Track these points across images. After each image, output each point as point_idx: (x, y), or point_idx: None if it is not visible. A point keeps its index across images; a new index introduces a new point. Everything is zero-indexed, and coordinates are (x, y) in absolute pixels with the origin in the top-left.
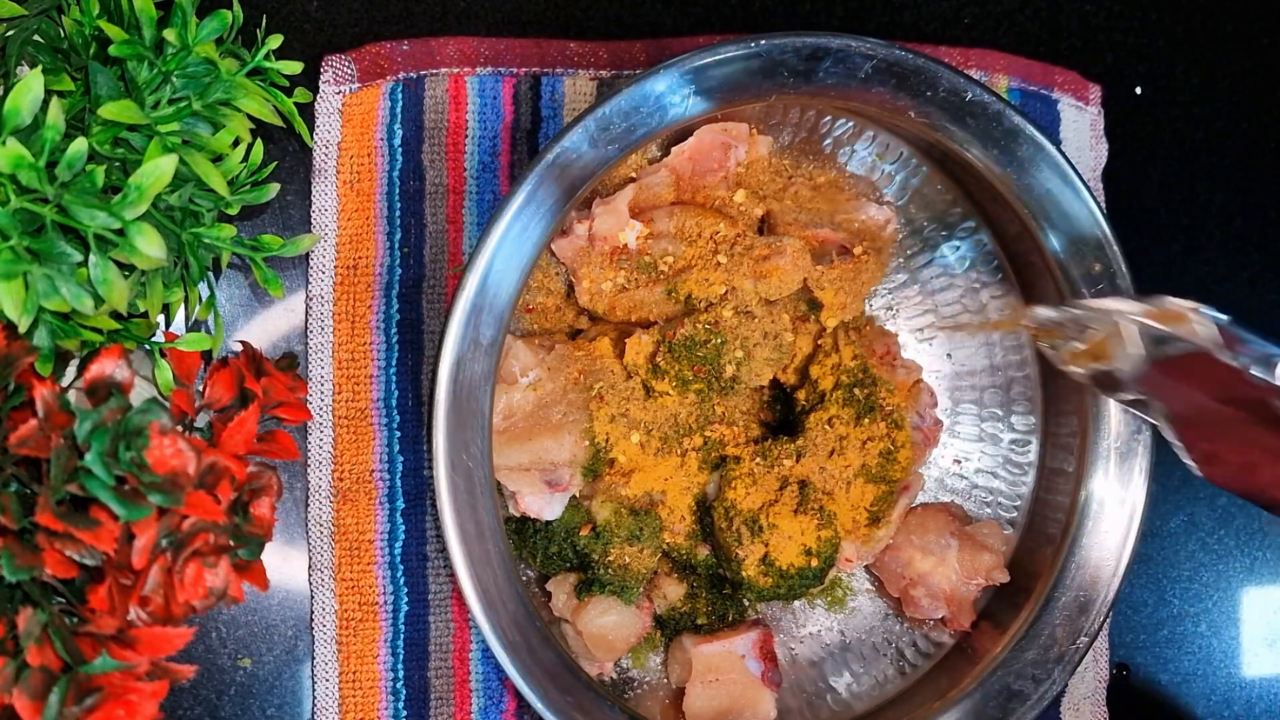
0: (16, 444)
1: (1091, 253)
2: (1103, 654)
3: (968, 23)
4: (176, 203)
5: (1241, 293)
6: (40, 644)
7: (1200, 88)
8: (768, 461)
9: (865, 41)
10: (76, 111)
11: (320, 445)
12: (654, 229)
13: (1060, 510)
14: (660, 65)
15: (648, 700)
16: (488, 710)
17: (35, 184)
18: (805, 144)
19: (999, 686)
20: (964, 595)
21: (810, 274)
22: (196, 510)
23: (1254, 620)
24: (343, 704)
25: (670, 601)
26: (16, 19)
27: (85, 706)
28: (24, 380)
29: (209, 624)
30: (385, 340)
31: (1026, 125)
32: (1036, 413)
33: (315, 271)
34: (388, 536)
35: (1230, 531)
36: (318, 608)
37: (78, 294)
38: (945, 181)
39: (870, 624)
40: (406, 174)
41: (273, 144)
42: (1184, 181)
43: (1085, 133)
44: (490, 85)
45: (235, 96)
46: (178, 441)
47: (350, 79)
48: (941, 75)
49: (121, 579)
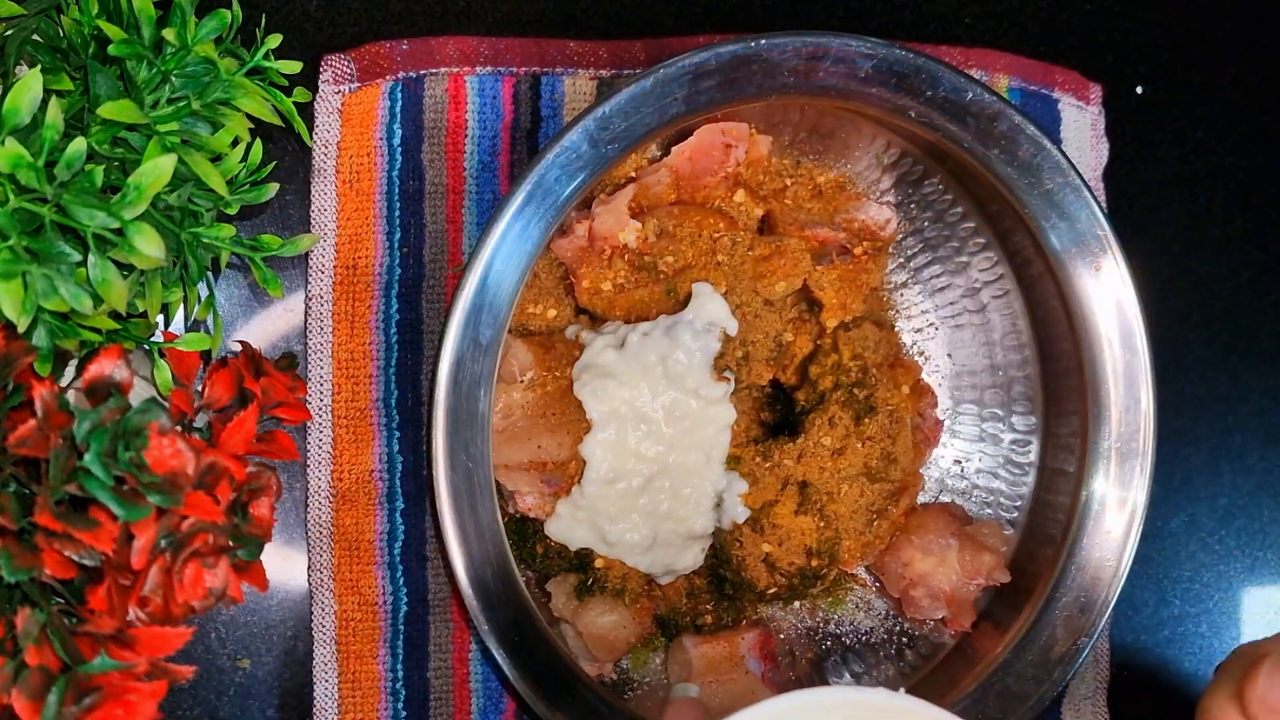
0: (15, 444)
1: (1092, 253)
2: (1103, 654)
3: (968, 23)
4: (175, 202)
5: (1241, 293)
6: (39, 644)
7: (1200, 88)
8: (768, 462)
9: (865, 41)
10: (75, 111)
11: (320, 445)
12: (654, 229)
13: (1061, 510)
14: (660, 65)
15: (648, 700)
16: (487, 710)
17: (34, 184)
18: (805, 144)
19: (999, 687)
20: (964, 595)
21: (810, 274)
22: (195, 510)
23: (1254, 621)
24: (342, 704)
25: (670, 601)
26: (15, 18)
27: (84, 706)
28: (23, 380)
29: (208, 624)
30: (385, 340)
31: (1027, 125)
32: (1037, 413)
33: (314, 271)
34: (387, 537)
35: (1231, 532)
36: (317, 608)
37: (77, 294)
38: (945, 181)
39: (870, 624)
40: (406, 174)
41: (272, 144)
42: (1184, 181)
43: (1086, 132)
44: (490, 85)
45: (234, 96)
46: (177, 442)
47: (350, 78)
48: (941, 75)
49: (120, 579)
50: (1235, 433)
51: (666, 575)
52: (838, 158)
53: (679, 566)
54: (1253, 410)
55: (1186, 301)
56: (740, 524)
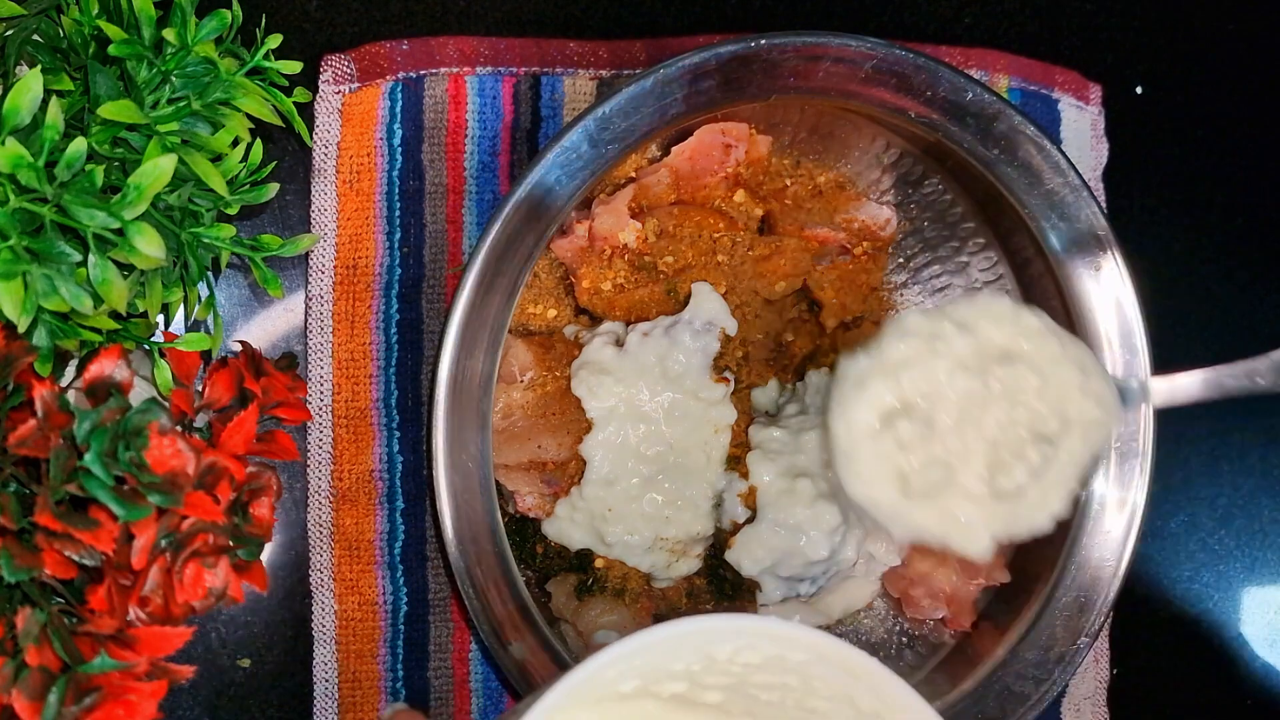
0: (15, 444)
1: (1092, 253)
2: (1103, 654)
3: (968, 23)
4: (176, 202)
5: (1241, 293)
6: (39, 644)
7: (1200, 88)
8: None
9: (865, 41)
10: (75, 111)
11: (320, 445)
12: (654, 229)
13: None
14: (660, 65)
15: None
16: (487, 710)
17: (34, 184)
18: (805, 144)
19: (999, 687)
20: (964, 595)
21: (810, 274)
22: (196, 510)
23: (1255, 621)
24: (342, 704)
25: (670, 601)
26: (16, 18)
27: (84, 706)
28: (23, 380)
29: (208, 624)
30: (385, 340)
31: (1027, 125)
32: None
33: (315, 271)
34: (387, 537)
35: (1231, 532)
36: (317, 608)
37: (77, 294)
38: (945, 181)
39: (870, 624)
40: (406, 174)
41: (272, 144)
42: (1184, 181)
43: (1086, 132)
44: (490, 85)
45: (234, 96)
46: (177, 442)
47: (350, 78)
48: (941, 75)
49: (121, 579)
50: (1235, 433)
51: (666, 576)
52: (838, 158)
53: (679, 567)
54: (1253, 410)
55: (1186, 301)
56: (740, 523)
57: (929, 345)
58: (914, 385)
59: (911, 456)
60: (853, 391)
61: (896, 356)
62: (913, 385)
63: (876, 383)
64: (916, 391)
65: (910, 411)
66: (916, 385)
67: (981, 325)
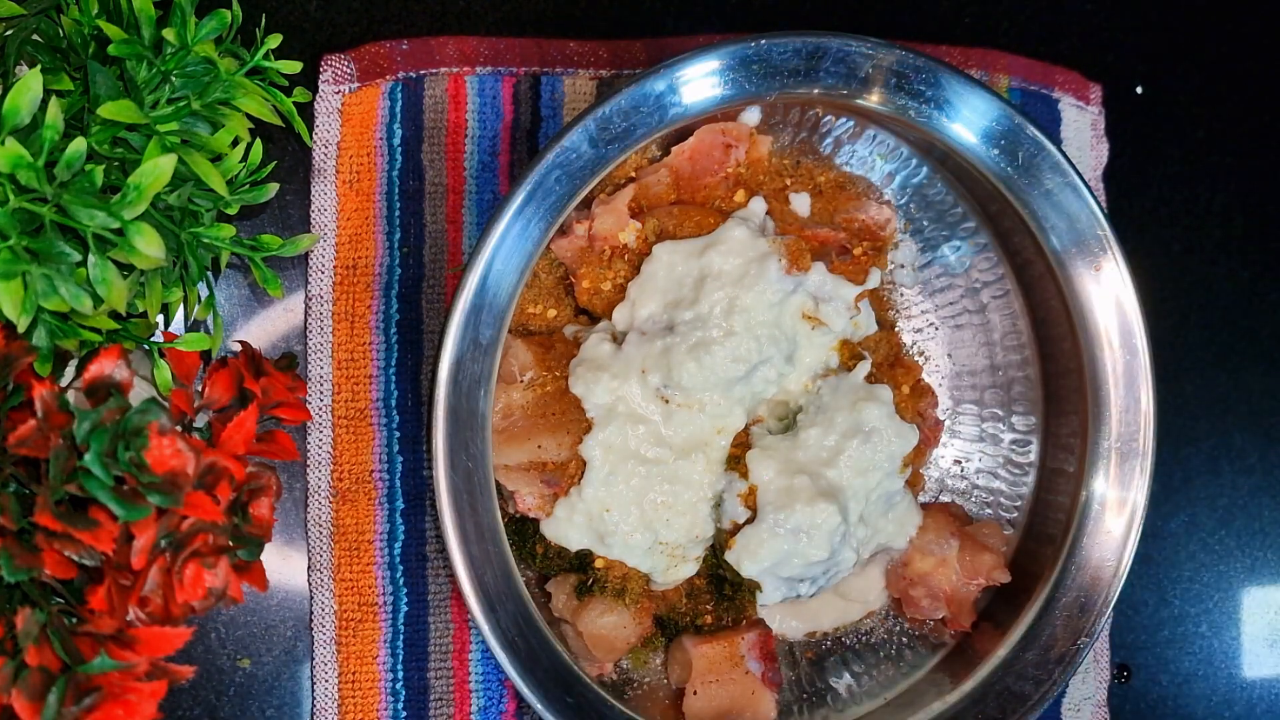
0: (15, 444)
1: (1092, 253)
2: (1103, 654)
3: (968, 22)
4: (175, 202)
5: (1242, 293)
6: (39, 644)
7: (1200, 88)
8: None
9: (865, 41)
10: (75, 111)
11: (319, 445)
12: (654, 229)
13: (1061, 511)
14: (660, 65)
15: (648, 700)
16: (488, 710)
17: (34, 184)
18: (805, 144)
19: (999, 687)
20: (964, 596)
21: None
22: (195, 511)
23: (1255, 621)
24: (342, 704)
25: (670, 601)
26: (15, 18)
27: (84, 706)
28: (23, 380)
29: (208, 624)
30: (385, 340)
31: (1027, 125)
32: (1037, 413)
33: (314, 271)
34: (387, 537)
35: (1231, 532)
36: (317, 608)
37: (77, 294)
38: (945, 181)
39: (870, 624)
40: (406, 174)
41: (272, 144)
42: (1184, 181)
43: (1086, 132)
44: (490, 85)
45: (234, 96)
46: (177, 442)
47: (350, 78)
48: (941, 75)
49: (120, 579)
50: (1235, 433)
51: (666, 577)
52: (838, 158)
53: (679, 570)
54: (1253, 410)
55: (1186, 301)
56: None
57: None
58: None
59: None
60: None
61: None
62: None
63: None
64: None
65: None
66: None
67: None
